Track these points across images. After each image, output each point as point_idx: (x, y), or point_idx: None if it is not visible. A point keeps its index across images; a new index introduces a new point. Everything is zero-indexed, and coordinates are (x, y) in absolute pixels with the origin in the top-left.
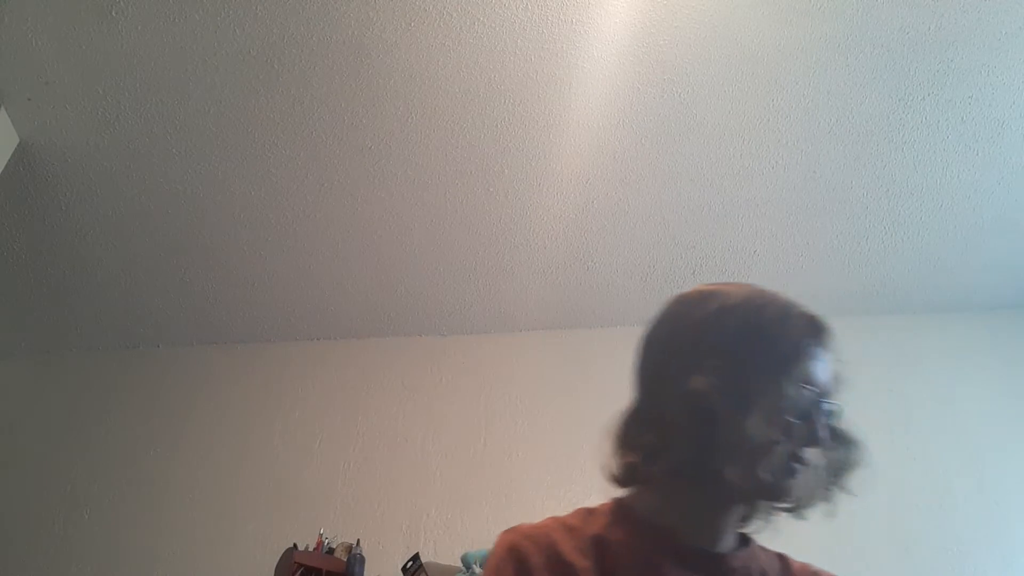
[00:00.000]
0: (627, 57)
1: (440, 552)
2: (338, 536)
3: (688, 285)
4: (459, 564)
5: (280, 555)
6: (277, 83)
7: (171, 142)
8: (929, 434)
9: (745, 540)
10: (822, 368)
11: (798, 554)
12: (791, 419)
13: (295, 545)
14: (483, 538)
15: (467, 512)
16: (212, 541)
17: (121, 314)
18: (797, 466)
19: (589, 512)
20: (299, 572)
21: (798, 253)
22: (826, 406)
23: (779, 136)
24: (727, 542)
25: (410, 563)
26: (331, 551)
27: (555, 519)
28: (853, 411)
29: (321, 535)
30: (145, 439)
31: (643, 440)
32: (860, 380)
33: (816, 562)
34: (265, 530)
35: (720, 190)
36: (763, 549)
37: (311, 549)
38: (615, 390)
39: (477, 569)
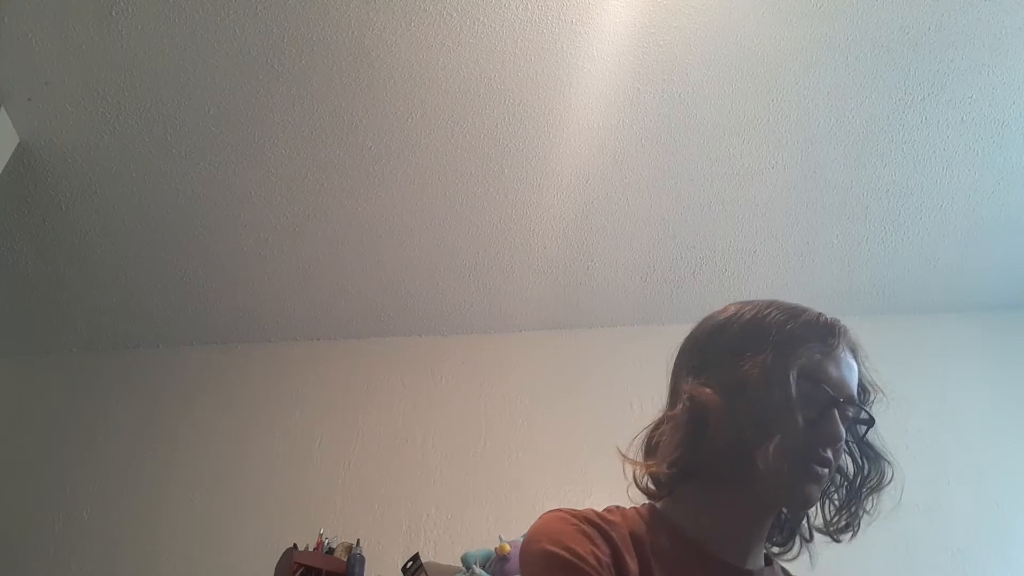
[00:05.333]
0: (627, 57)
1: (440, 552)
2: (338, 536)
3: (688, 285)
4: (459, 564)
5: (280, 555)
6: (277, 83)
7: (171, 142)
8: (929, 434)
9: (769, 561)
10: (836, 366)
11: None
12: (794, 415)
13: (295, 545)
14: (483, 538)
15: (467, 512)
16: (212, 541)
17: (121, 314)
18: (817, 469)
19: (621, 511)
20: (299, 572)
21: (798, 253)
22: (847, 407)
23: (779, 136)
24: (756, 560)
25: (410, 563)
26: (331, 551)
27: (592, 510)
28: None
29: (321, 535)
30: (145, 439)
31: (657, 444)
32: None
33: (817, 561)
34: (265, 530)
35: (720, 190)
36: (785, 572)
37: (311, 549)
38: (615, 390)
39: (477, 569)
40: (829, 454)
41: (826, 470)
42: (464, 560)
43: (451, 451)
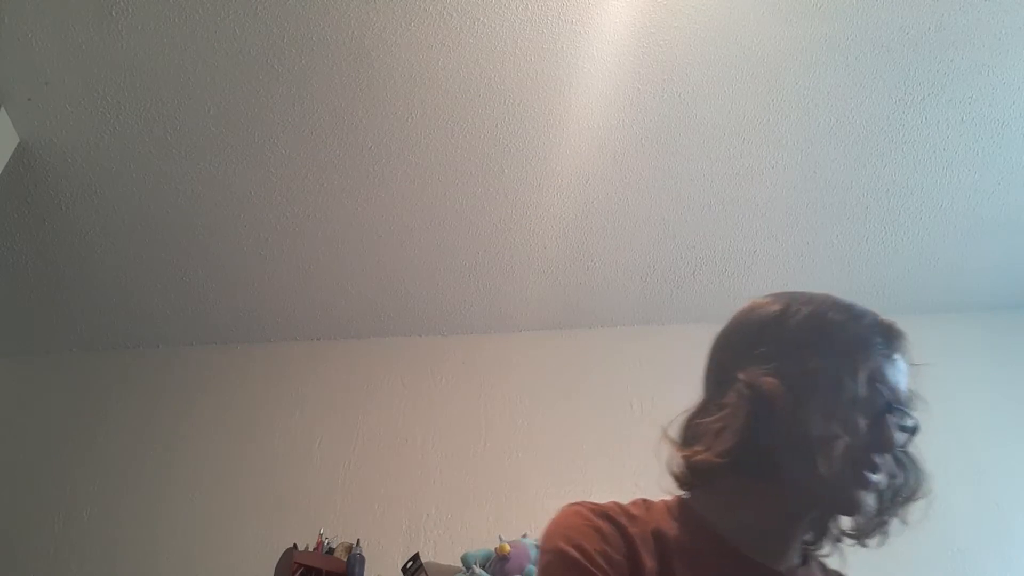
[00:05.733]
0: (627, 57)
1: (440, 552)
2: (338, 536)
3: (688, 285)
4: (459, 564)
5: (280, 555)
6: (277, 83)
7: (171, 142)
8: (928, 434)
9: (805, 558)
10: (893, 371)
11: None
12: (857, 417)
13: (295, 545)
14: (483, 538)
15: (467, 512)
16: (212, 541)
17: (121, 314)
18: (869, 475)
19: (647, 504)
20: (299, 572)
21: (798, 253)
22: (899, 411)
23: (779, 136)
24: (789, 559)
25: (410, 563)
26: (331, 551)
27: (616, 503)
28: None
29: (321, 535)
30: (145, 439)
31: (703, 432)
32: None
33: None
34: (265, 530)
35: (720, 190)
36: (823, 568)
37: (311, 549)
38: (615, 390)
39: (477, 569)
40: (880, 460)
41: (877, 476)
42: (464, 560)
43: (451, 451)
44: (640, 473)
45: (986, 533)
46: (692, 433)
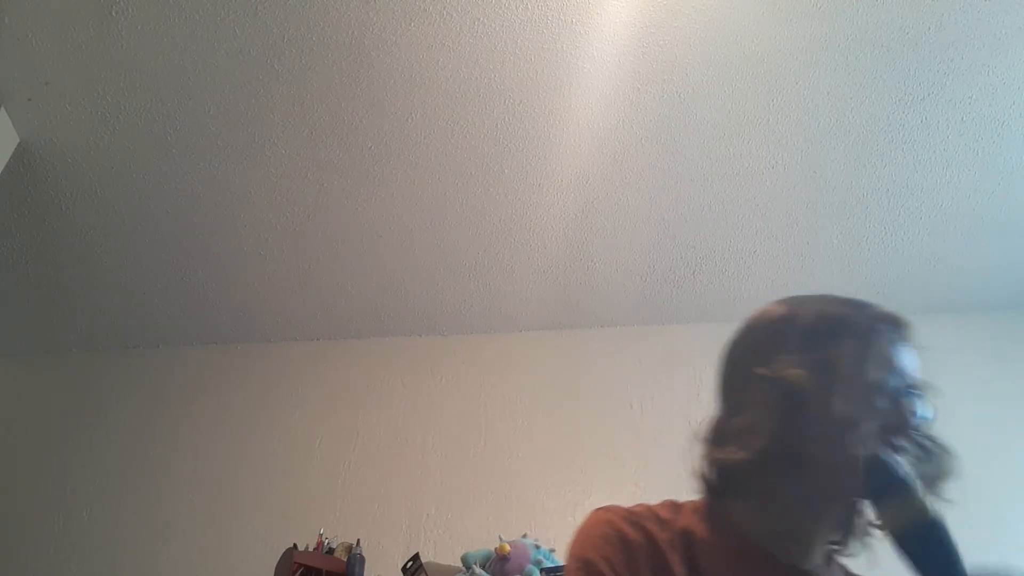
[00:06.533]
0: (627, 57)
1: (440, 552)
2: (338, 536)
3: (688, 285)
4: (459, 564)
5: (280, 555)
6: (277, 83)
7: (171, 142)
8: None
9: (829, 559)
10: (904, 356)
11: None
12: (877, 400)
13: (295, 545)
14: (483, 538)
15: (467, 512)
16: (212, 541)
17: (121, 314)
18: (896, 457)
19: (676, 506)
20: (299, 572)
21: (798, 253)
22: (914, 394)
23: (779, 136)
24: (816, 557)
25: (410, 563)
26: (331, 551)
27: (646, 507)
28: None
29: (321, 535)
30: (145, 439)
31: (732, 433)
32: None
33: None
34: (265, 530)
35: (720, 190)
36: (845, 571)
37: (311, 549)
38: (615, 390)
39: (477, 569)
40: (900, 443)
41: (899, 459)
42: (464, 560)
43: (451, 451)
44: (640, 473)
45: (985, 533)
46: (722, 435)
